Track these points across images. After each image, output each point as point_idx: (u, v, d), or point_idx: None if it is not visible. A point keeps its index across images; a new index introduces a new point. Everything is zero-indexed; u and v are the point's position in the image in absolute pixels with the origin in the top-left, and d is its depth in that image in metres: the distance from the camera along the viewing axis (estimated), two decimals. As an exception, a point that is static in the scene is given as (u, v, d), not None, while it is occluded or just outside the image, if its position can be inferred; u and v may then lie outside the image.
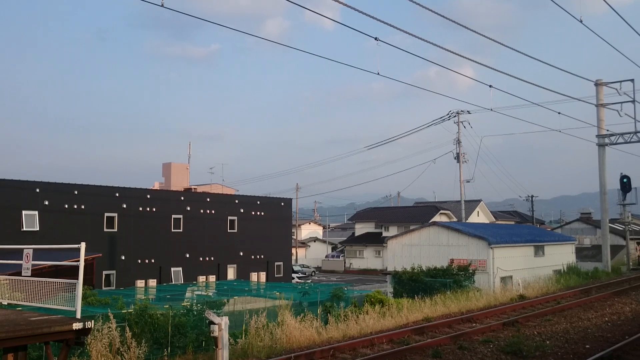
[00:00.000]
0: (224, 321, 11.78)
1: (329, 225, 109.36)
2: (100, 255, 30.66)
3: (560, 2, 17.41)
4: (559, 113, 33.01)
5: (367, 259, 67.89)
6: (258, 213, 43.82)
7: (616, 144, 42.18)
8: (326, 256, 76.18)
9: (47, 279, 9.51)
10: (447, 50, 18.07)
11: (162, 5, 11.77)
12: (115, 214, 35.30)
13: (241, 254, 42.02)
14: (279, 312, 16.78)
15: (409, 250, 35.49)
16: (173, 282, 36.57)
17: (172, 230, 38.19)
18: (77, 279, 8.71)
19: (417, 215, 64.26)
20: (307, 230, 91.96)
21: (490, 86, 23.75)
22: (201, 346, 14.65)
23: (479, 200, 69.89)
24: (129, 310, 15.10)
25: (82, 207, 33.69)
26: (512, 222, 74.20)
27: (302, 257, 77.11)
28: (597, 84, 42.64)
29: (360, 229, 72.23)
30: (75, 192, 33.69)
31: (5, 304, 10.49)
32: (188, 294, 26.17)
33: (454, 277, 28.00)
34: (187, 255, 38.66)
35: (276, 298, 20.82)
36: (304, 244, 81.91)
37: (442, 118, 55.52)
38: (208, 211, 40.41)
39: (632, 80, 40.25)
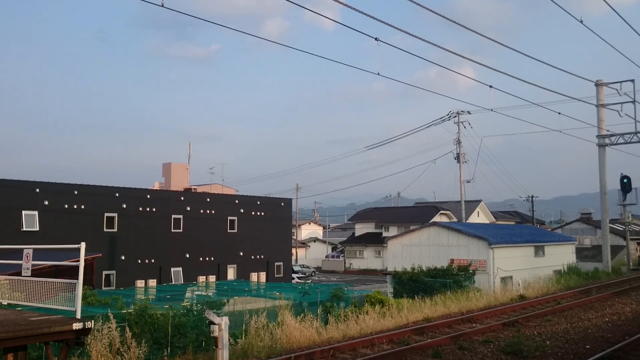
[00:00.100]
0: (224, 321, 11.78)
1: (329, 225, 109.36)
2: (100, 255, 30.65)
3: (561, 2, 17.41)
4: (559, 113, 33.04)
5: (367, 259, 67.88)
6: (258, 213, 43.83)
7: (616, 144, 42.20)
8: (326, 256, 76.18)
9: (47, 279, 9.51)
10: (447, 50, 18.07)
11: (162, 5, 11.76)
12: (115, 214, 35.30)
13: (241, 254, 42.02)
14: (279, 312, 16.77)
15: (409, 251, 35.49)
16: (173, 282, 36.57)
17: (172, 231, 38.19)
18: (77, 279, 8.71)
19: (417, 215, 64.26)
20: (307, 231, 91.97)
21: (490, 86, 23.76)
22: (201, 346, 14.64)
23: (479, 201, 69.90)
24: (129, 311, 15.10)
25: (82, 207, 33.70)
26: (512, 223, 74.21)
27: (302, 257, 77.11)
28: (598, 85, 42.65)
29: (360, 229, 72.23)
30: (75, 192, 33.70)
31: (5, 304, 10.49)
32: (188, 294, 26.17)
33: (454, 278, 27.99)
34: (187, 256, 38.65)
35: (276, 298, 20.82)
36: (304, 244, 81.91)
37: (442, 118, 55.63)
38: (208, 211, 40.40)
39: (632, 81, 40.28)
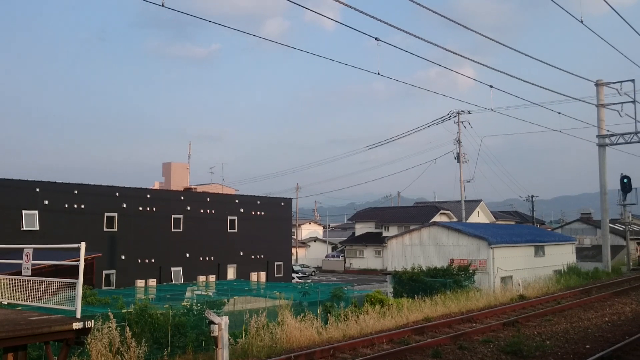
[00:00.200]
0: (224, 321, 11.78)
1: (329, 225, 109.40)
2: (100, 254, 30.64)
3: (561, 2, 17.40)
4: (559, 113, 33.06)
5: (367, 258, 67.87)
6: (258, 213, 43.83)
7: (617, 144, 42.20)
8: (326, 256, 76.17)
9: (47, 279, 9.51)
10: (447, 50, 18.08)
11: (162, 4, 11.75)
12: (115, 214, 35.30)
13: (241, 253, 42.01)
14: (279, 312, 16.77)
15: (409, 250, 35.48)
16: (173, 282, 36.57)
17: (172, 230, 38.19)
18: (77, 278, 8.71)
19: (417, 215, 64.25)
20: (307, 230, 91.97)
21: (490, 86, 23.76)
22: (201, 346, 14.64)
23: (479, 201, 69.89)
24: (129, 310, 15.10)
25: (82, 206, 33.70)
26: (513, 222, 74.20)
27: (302, 257, 77.09)
28: (598, 84, 42.64)
29: (361, 229, 72.22)
30: (75, 192, 33.70)
31: (5, 303, 10.49)
32: (188, 294, 26.18)
33: (454, 277, 27.99)
34: (187, 255, 38.65)
35: (276, 298, 20.82)
36: (304, 243, 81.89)
37: (443, 118, 55.64)
38: (208, 211, 40.41)
39: (632, 81, 40.28)
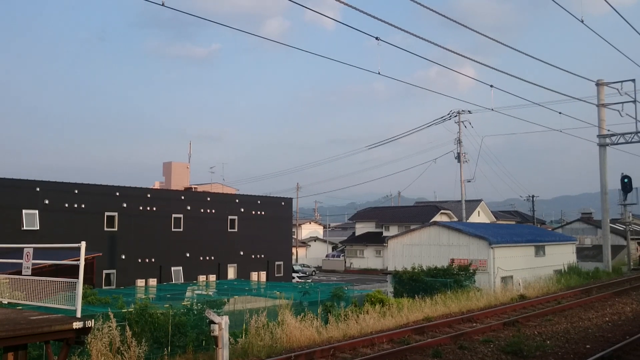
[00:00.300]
0: (224, 320, 11.78)
1: (329, 224, 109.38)
2: (101, 254, 30.64)
3: (562, 2, 17.39)
4: (560, 113, 33.07)
5: (367, 258, 67.87)
6: (258, 212, 43.83)
7: (617, 144, 42.19)
8: (326, 256, 76.15)
9: (48, 278, 9.51)
10: (448, 50, 18.07)
11: (162, 4, 11.74)
12: (115, 213, 35.31)
13: (241, 253, 42.02)
14: (279, 312, 16.77)
15: (410, 250, 35.48)
16: (173, 282, 36.57)
17: (173, 230, 38.19)
18: (78, 278, 8.71)
19: (417, 215, 64.24)
20: (308, 230, 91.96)
21: (491, 86, 23.76)
22: (201, 345, 14.64)
23: (480, 200, 69.88)
24: (129, 310, 15.10)
25: (83, 206, 33.70)
26: (513, 222, 74.19)
27: (302, 256, 77.08)
28: (598, 84, 42.62)
29: (361, 228, 72.21)
30: (76, 191, 33.71)
31: (6, 303, 10.49)
32: (188, 294, 26.18)
33: (454, 277, 27.98)
34: (188, 255, 38.66)
35: (276, 297, 20.81)
36: (304, 243, 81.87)
37: (443, 118, 55.60)
38: (208, 210, 40.41)
39: (633, 81, 40.28)
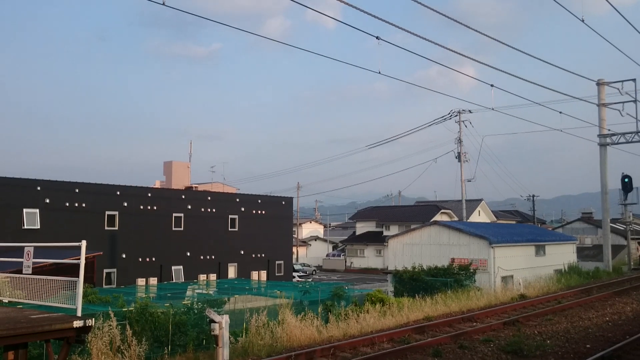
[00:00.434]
0: (225, 320, 11.79)
1: (329, 224, 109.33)
2: (101, 253, 30.68)
3: (562, 1, 17.37)
4: (560, 112, 33.05)
5: (368, 258, 67.90)
6: (259, 212, 43.84)
7: (618, 143, 42.16)
8: (327, 255, 76.16)
9: (48, 277, 9.53)
10: (448, 49, 18.03)
11: (163, 3, 11.74)
12: (116, 212, 35.33)
13: (242, 252, 42.04)
14: (280, 311, 16.77)
15: (410, 250, 35.48)
16: (174, 281, 36.61)
17: (173, 229, 38.21)
18: (78, 277, 8.72)
19: (418, 214, 64.25)
20: (308, 229, 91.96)
21: (491, 85, 23.74)
22: (202, 344, 14.65)
23: (480, 200, 69.87)
24: (130, 309, 15.12)
25: (83, 205, 33.73)
26: (513, 222, 74.15)
27: (302, 256, 77.10)
28: (599, 84, 42.58)
29: (361, 228, 72.23)
30: (76, 190, 33.74)
31: (6, 301, 10.51)
32: (189, 293, 26.20)
33: (454, 277, 27.97)
34: (188, 254, 38.68)
35: (277, 297, 20.83)
36: (304, 242, 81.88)
37: (444, 117, 55.60)
38: (209, 210, 40.43)
39: (633, 80, 40.25)
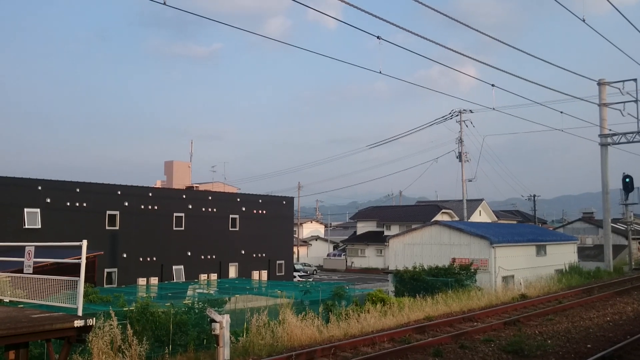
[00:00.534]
0: (225, 319, 11.79)
1: (330, 224, 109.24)
2: (102, 253, 30.70)
3: (563, 1, 17.37)
4: (561, 112, 33.04)
5: (368, 257, 67.90)
6: (260, 211, 43.85)
7: (619, 143, 42.14)
8: (328, 255, 76.15)
9: (49, 277, 9.54)
10: (449, 49, 18.01)
11: (164, 3, 11.74)
12: (117, 212, 35.34)
13: (243, 252, 42.04)
14: (280, 311, 16.79)
15: (411, 249, 35.48)
16: (174, 280, 36.62)
17: (174, 229, 38.22)
18: (79, 276, 8.73)
19: (419, 214, 64.24)
20: (309, 229, 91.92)
21: (492, 85, 23.72)
22: (202, 344, 14.66)
23: (481, 200, 69.84)
24: (131, 308, 15.14)
25: (84, 204, 33.74)
26: (514, 222, 74.08)
27: (303, 255, 77.09)
28: (600, 84, 42.54)
29: (362, 227, 72.21)
30: (77, 190, 33.74)
31: (7, 301, 10.52)
32: (189, 292, 26.22)
33: (455, 276, 27.97)
34: (189, 254, 38.69)
35: (277, 296, 20.86)
36: (305, 242, 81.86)
37: (445, 117, 55.58)
38: (210, 209, 40.43)
39: (635, 80, 40.24)
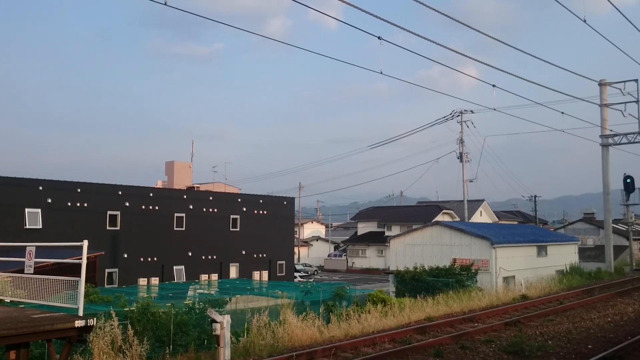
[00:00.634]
0: (226, 319, 11.78)
1: (331, 224, 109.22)
2: (103, 253, 30.72)
3: (564, 2, 17.39)
4: (562, 113, 32.99)
5: (369, 258, 67.87)
6: (260, 212, 43.85)
7: (620, 144, 42.15)
8: (328, 255, 76.13)
9: (50, 277, 9.55)
10: (450, 49, 18.00)
11: (165, 3, 11.74)
12: (118, 212, 35.36)
13: (243, 252, 42.05)
14: (281, 311, 16.79)
15: (412, 250, 35.47)
16: (175, 281, 36.64)
17: (175, 229, 38.24)
18: (80, 276, 8.74)
19: (419, 214, 64.22)
20: (310, 229, 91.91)
21: (493, 86, 23.69)
22: (203, 344, 14.67)
23: (482, 200, 69.82)
24: (131, 309, 15.15)
25: (85, 205, 33.76)
26: (515, 222, 74.08)
27: (304, 256, 77.07)
28: (601, 84, 42.54)
29: (363, 228, 72.20)
30: (78, 190, 33.77)
31: (8, 301, 10.53)
32: (190, 292, 26.26)
33: (456, 277, 27.97)
34: (190, 254, 38.70)
35: (278, 297, 20.87)
36: (306, 243, 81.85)
37: (446, 117, 55.56)
38: (211, 210, 40.45)
39: (636, 81, 40.25)
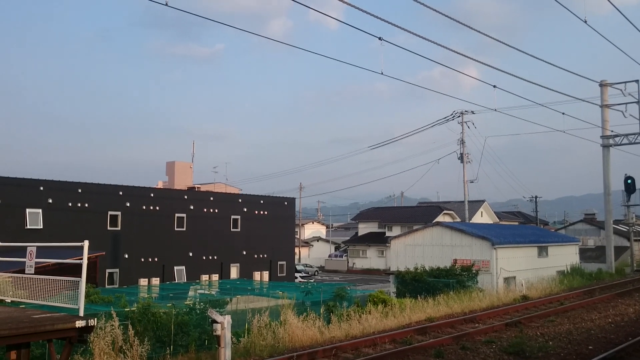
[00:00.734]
0: (227, 320, 11.79)
1: (332, 224, 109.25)
2: (104, 253, 30.73)
3: (565, 2, 17.38)
4: (563, 114, 32.97)
5: (370, 258, 67.87)
6: (261, 212, 43.86)
7: (621, 144, 42.13)
8: (329, 256, 76.13)
9: (51, 277, 9.56)
10: (451, 50, 18.00)
11: (166, 4, 11.75)
12: (118, 213, 35.39)
13: (244, 253, 42.06)
14: (282, 312, 16.78)
15: (412, 250, 35.47)
16: (176, 281, 36.65)
17: (176, 229, 38.26)
18: (80, 277, 8.75)
19: (420, 215, 64.21)
20: (311, 230, 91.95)
21: (494, 86, 23.68)
22: (204, 345, 14.67)
23: (483, 201, 69.80)
24: (132, 309, 15.15)
25: (86, 205, 33.79)
26: (516, 223, 74.04)
27: (305, 256, 77.10)
28: (602, 85, 42.54)
29: (364, 228, 72.20)
30: (79, 191, 33.80)
31: (9, 301, 10.54)
32: (191, 293, 26.26)
33: (457, 278, 27.95)
34: (190, 254, 38.72)
35: (279, 297, 20.84)
36: (307, 243, 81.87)
37: (446, 118, 55.54)
38: (211, 210, 40.46)
39: (636, 81, 40.26)
